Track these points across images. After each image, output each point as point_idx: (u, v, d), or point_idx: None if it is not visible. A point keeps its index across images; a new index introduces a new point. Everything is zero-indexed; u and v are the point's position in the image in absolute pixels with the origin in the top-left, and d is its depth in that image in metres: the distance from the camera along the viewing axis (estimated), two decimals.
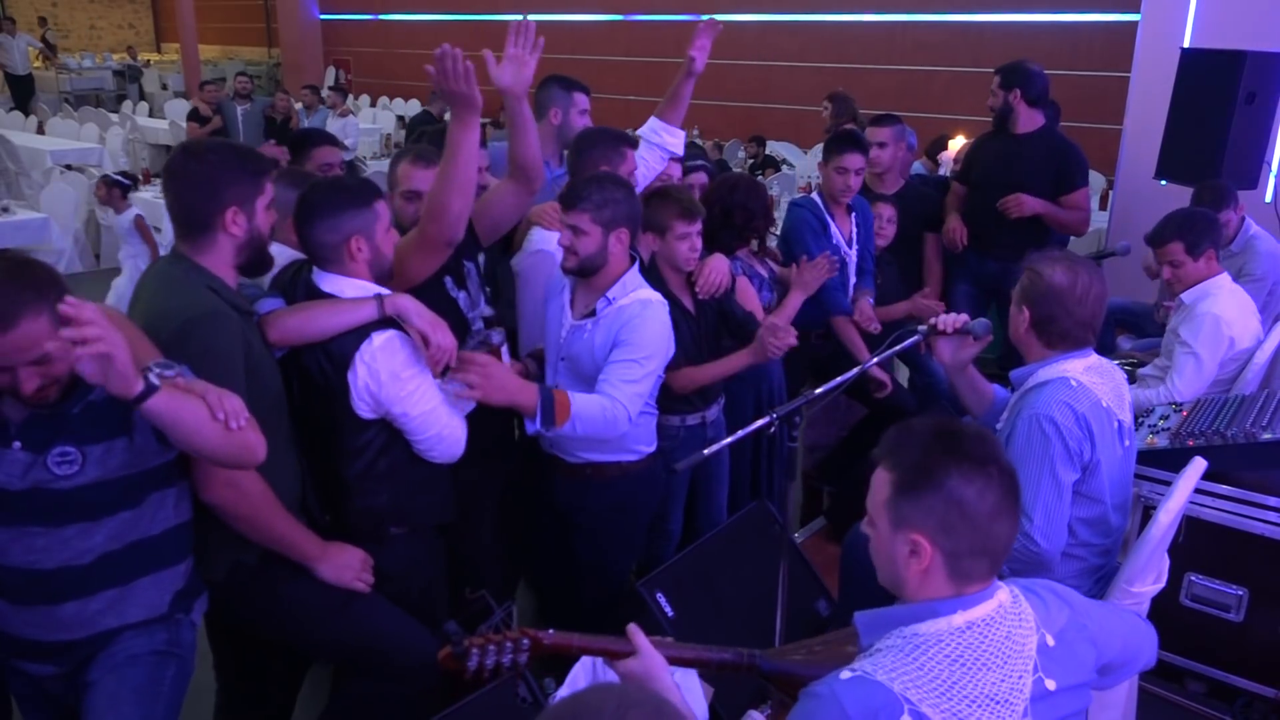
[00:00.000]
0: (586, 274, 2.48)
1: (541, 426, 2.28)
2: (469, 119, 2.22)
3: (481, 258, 2.71)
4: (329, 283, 2.18)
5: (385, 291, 2.16)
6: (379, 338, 2.08)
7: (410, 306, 2.12)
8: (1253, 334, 3.38)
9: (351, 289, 2.15)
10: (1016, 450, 2.27)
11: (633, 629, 1.53)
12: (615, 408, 2.35)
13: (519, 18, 2.33)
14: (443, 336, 2.12)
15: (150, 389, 1.61)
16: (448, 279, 2.55)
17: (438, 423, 2.17)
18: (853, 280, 3.81)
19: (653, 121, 3.21)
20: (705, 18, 3.29)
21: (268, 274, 2.31)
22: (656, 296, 2.52)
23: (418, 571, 2.34)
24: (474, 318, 2.67)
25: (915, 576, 1.35)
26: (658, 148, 3.19)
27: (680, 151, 3.26)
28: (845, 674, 1.28)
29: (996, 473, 1.33)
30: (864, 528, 1.44)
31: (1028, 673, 1.32)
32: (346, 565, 2.15)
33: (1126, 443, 2.37)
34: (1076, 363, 2.31)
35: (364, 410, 2.13)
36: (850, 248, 3.73)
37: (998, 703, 1.29)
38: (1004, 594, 1.37)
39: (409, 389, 2.11)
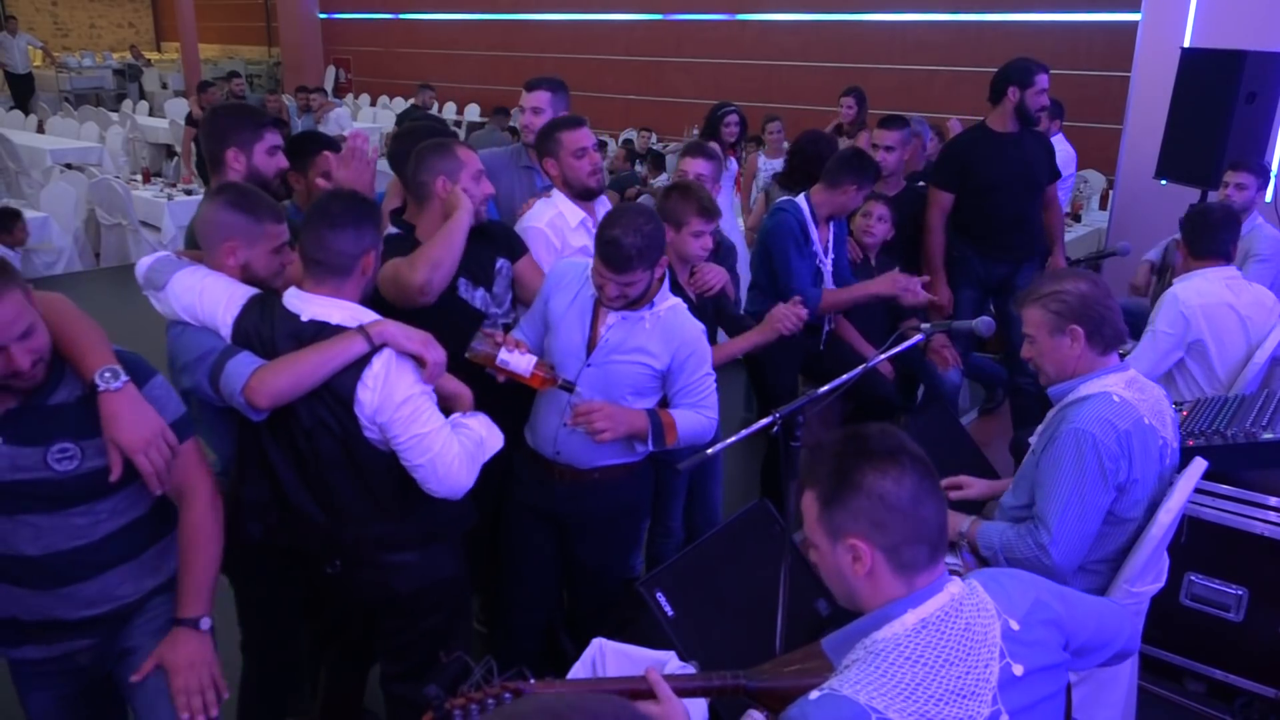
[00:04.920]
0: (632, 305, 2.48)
1: (654, 446, 2.48)
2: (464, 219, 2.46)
3: (503, 263, 2.69)
4: (313, 308, 2.07)
5: (366, 319, 2.07)
6: (379, 361, 2.02)
7: (397, 333, 2.06)
8: (1223, 317, 3.40)
9: (339, 313, 2.07)
10: (1050, 461, 2.25)
11: (653, 675, 1.53)
12: (710, 422, 2.53)
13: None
14: (435, 353, 2.08)
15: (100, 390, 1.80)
16: (461, 280, 2.54)
17: (433, 448, 2.07)
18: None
19: None
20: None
21: (224, 319, 2.11)
22: (681, 302, 2.56)
23: (452, 588, 2.31)
24: (495, 316, 2.65)
25: (864, 582, 1.39)
26: None
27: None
28: (814, 694, 1.31)
29: (908, 460, 1.37)
30: (810, 555, 1.48)
31: (994, 660, 1.34)
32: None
33: (1166, 461, 2.33)
34: (1118, 378, 2.29)
35: (375, 435, 2.07)
36: (826, 256, 3.73)
37: (963, 696, 1.30)
38: (955, 586, 1.39)
39: (408, 410, 2.04)
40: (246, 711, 2.58)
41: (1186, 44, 5.10)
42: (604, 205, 3.09)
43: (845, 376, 2.51)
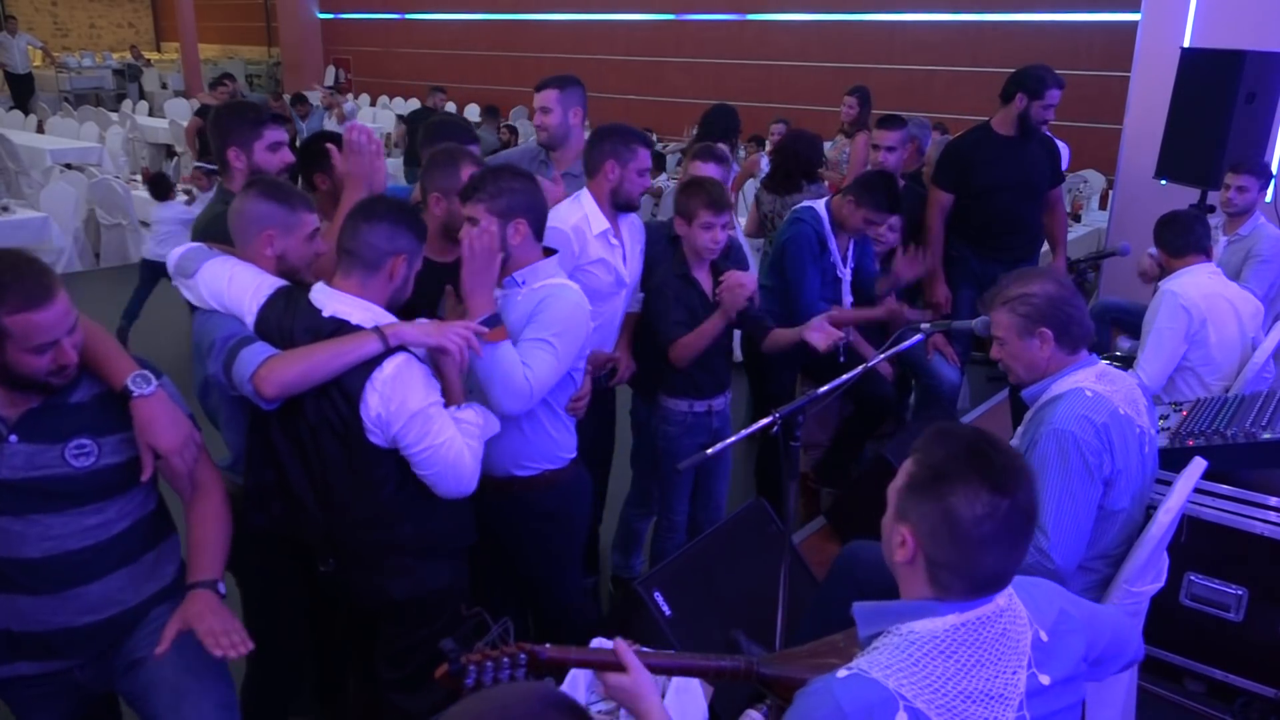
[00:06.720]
0: None
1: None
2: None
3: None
4: (334, 303, 2.09)
5: (384, 321, 2.09)
6: (390, 364, 2.02)
7: (413, 335, 2.07)
8: (1219, 305, 3.43)
9: (360, 313, 2.08)
10: (1034, 466, 2.24)
11: (620, 645, 1.51)
12: (522, 381, 2.24)
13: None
14: (453, 335, 2.08)
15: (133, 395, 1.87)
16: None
17: (447, 458, 2.08)
18: (848, 300, 3.75)
19: None
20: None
21: (250, 307, 2.14)
22: (574, 285, 2.45)
23: (447, 600, 2.29)
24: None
25: (902, 567, 1.39)
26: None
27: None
28: (842, 672, 1.30)
29: (1008, 506, 1.31)
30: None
31: (1022, 668, 1.34)
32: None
33: (1146, 449, 2.34)
34: (1087, 372, 2.30)
35: (378, 439, 2.07)
36: (845, 266, 3.70)
37: (992, 698, 1.30)
38: (1003, 598, 1.38)
39: (420, 424, 2.04)
40: (248, 711, 2.58)
41: (1186, 44, 5.10)
42: (627, 221, 3.06)
43: (845, 376, 2.51)
